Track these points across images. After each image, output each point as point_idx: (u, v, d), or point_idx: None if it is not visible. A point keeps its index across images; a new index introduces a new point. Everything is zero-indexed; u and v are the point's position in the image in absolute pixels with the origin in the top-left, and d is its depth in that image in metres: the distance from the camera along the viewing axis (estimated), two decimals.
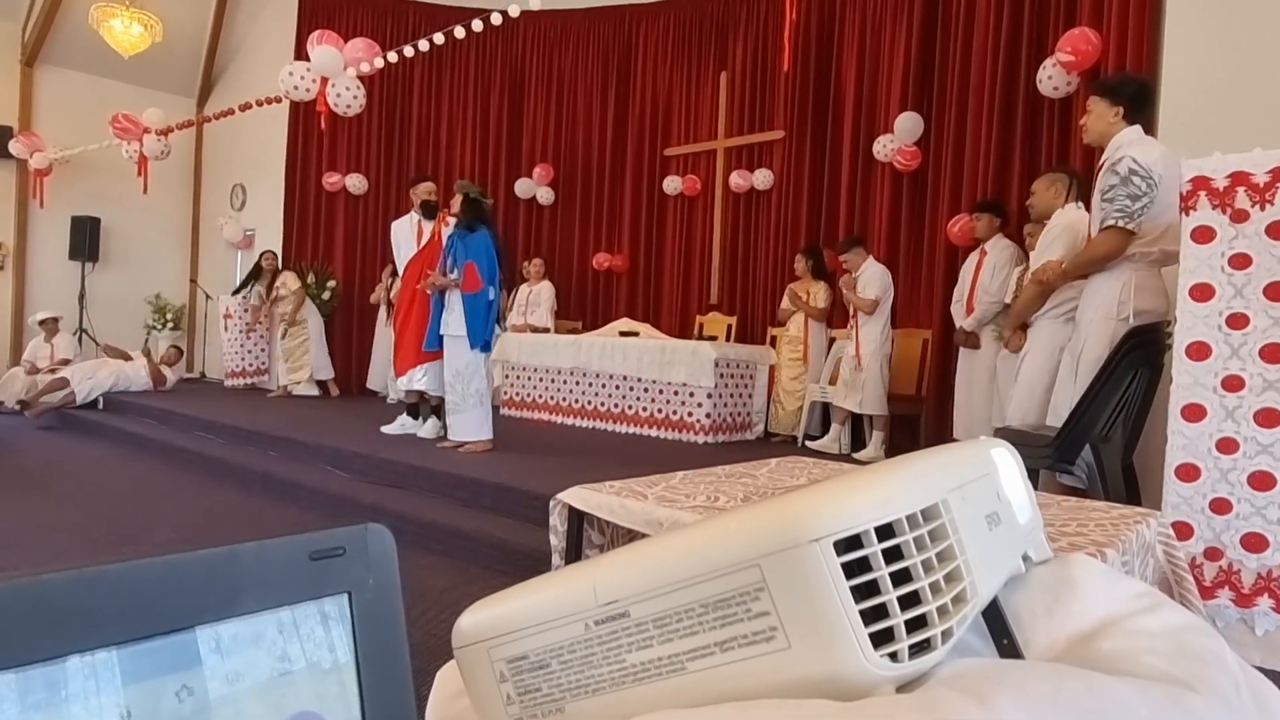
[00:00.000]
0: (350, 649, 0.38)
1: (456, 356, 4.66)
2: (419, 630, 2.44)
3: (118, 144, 7.86)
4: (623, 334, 6.27)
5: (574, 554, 1.96)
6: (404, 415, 5.41)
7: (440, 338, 4.70)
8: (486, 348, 4.70)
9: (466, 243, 4.62)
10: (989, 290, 4.48)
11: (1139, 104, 2.92)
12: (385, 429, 5.34)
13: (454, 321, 4.63)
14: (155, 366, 7.65)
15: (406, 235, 5.21)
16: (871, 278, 5.17)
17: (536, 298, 7.29)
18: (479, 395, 4.68)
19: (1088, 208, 3.23)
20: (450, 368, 4.71)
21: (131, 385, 7.42)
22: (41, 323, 7.66)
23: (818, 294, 5.60)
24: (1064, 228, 3.27)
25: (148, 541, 3.55)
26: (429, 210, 5.14)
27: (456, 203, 4.67)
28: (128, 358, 7.66)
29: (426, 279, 4.74)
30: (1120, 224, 2.76)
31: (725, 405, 5.61)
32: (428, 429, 5.20)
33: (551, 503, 2.00)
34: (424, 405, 5.32)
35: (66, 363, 7.49)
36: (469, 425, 4.69)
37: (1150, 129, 3.21)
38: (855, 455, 5.16)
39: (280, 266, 8.05)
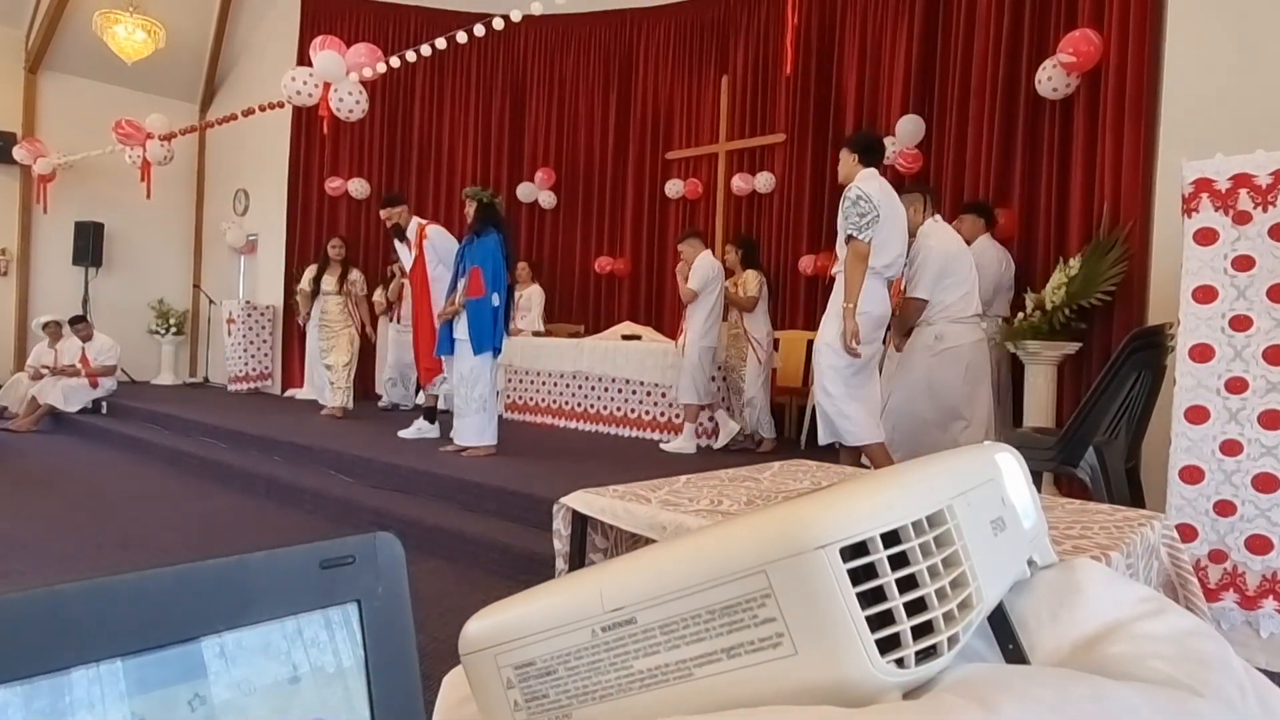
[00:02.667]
0: (360, 657, 0.38)
1: (461, 361, 4.69)
2: (423, 635, 2.43)
3: (121, 149, 7.89)
4: (625, 338, 6.27)
5: (577, 558, 1.96)
6: (420, 419, 5.46)
7: (453, 342, 4.73)
8: (496, 353, 4.72)
9: (474, 248, 4.65)
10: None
11: (870, 152, 3.70)
12: (403, 433, 5.39)
13: (460, 327, 4.66)
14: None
15: (403, 254, 5.43)
16: (696, 270, 5.23)
17: (527, 302, 7.25)
18: (482, 400, 4.69)
19: (945, 219, 4.05)
20: (456, 372, 4.75)
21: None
22: (45, 326, 7.65)
23: (747, 283, 5.54)
24: (926, 250, 3.81)
25: (152, 546, 3.56)
26: (397, 232, 5.28)
27: (471, 210, 4.72)
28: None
29: (440, 313, 4.86)
30: (853, 234, 3.47)
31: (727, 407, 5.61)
32: (412, 430, 5.40)
33: (555, 507, 2.00)
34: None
35: (110, 370, 7.45)
36: (471, 430, 4.70)
37: (884, 170, 4.00)
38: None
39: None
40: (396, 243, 5.40)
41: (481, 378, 4.68)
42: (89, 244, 8.97)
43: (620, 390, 6.01)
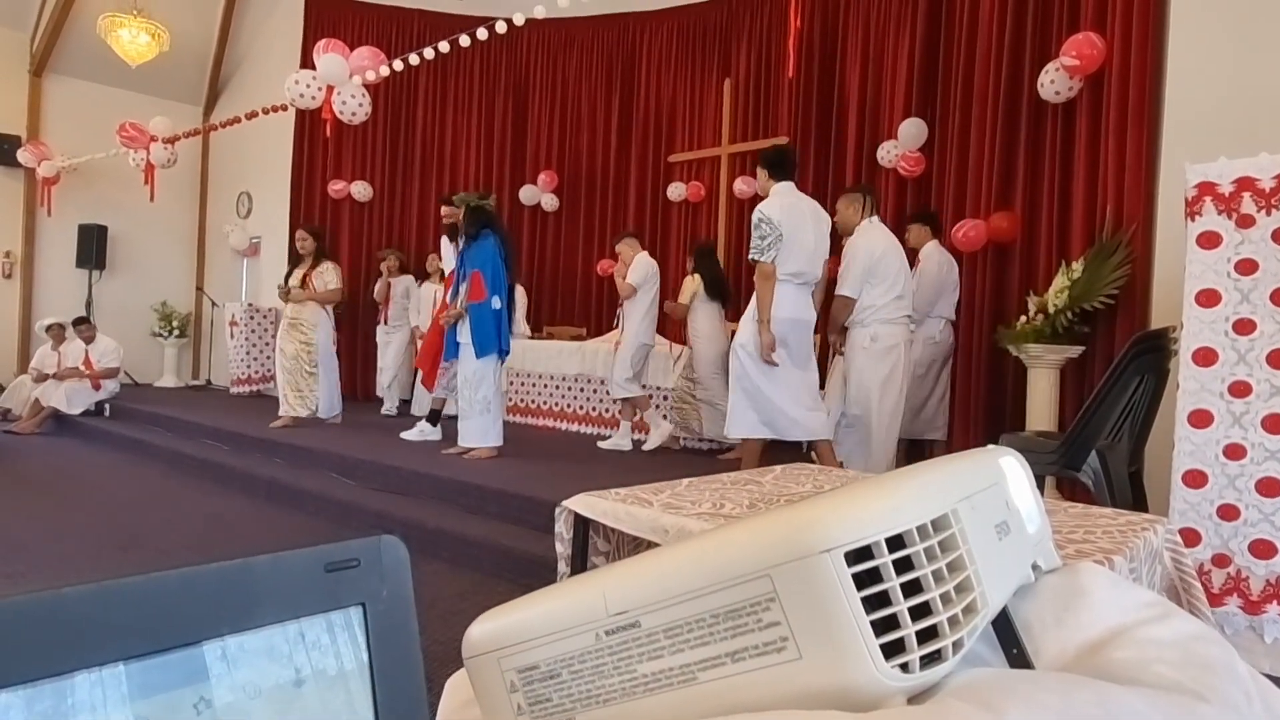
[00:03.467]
0: (364, 660, 0.38)
1: (464, 364, 4.72)
2: (424, 638, 2.43)
3: (125, 152, 7.91)
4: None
5: (579, 561, 1.96)
6: (423, 422, 5.49)
7: (457, 346, 4.75)
8: (502, 356, 4.74)
9: (472, 252, 4.66)
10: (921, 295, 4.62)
11: (780, 166, 3.88)
12: (405, 435, 5.42)
13: (462, 331, 4.68)
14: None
15: (448, 254, 5.41)
16: (635, 269, 5.35)
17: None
18: (485, 403, 4.70)
19: (885, 221, 4.24)
20: (460, 375, 4.77)
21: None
22: (49, 329, 7.65)
23: (684, 290, 5.62)
24: (857, 247, 3.98)
25: (154, 548, 3.56)
26: (450, 232, 5.25)
27: (460, 215, 4.75)
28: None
29: (444, 317, 4.89)
30: (753, 257, 3.75)
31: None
32: (414, 433, 5.41)
33: (557, 510, 2.00)
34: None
35: (113, 372, 7.46)
36: (473, 432, 4.71)
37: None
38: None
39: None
40: (444, 242, 5.40)
41: (485, 380, 4.68)
42: (92, 246, 8.99)
43: None
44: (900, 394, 4.03)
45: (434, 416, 5.50)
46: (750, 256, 3.79)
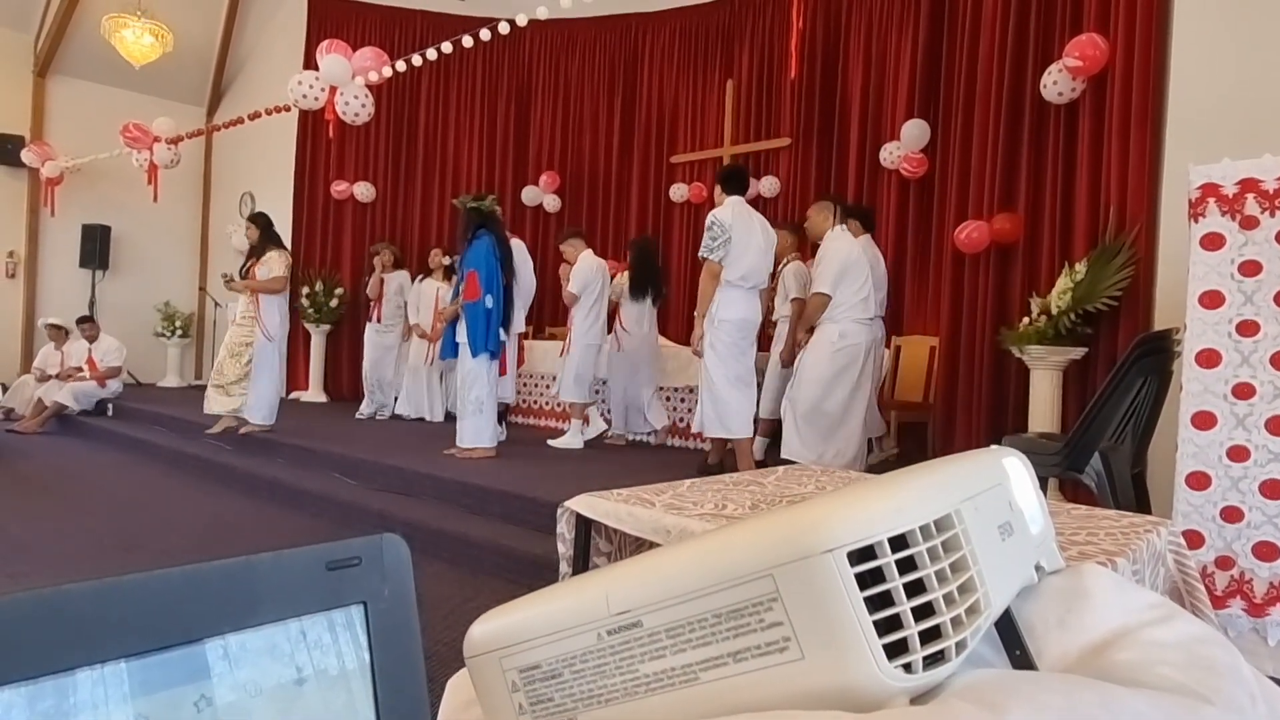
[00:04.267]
0: (365, 659, 0.38)
1: (461, 364, 4.74)
2: (425, 638, 2.42)
3: (128, 153, 7.93)
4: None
5: (581, 561, 1.96)
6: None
7: (456, 346, 4.76)
8: (492, 356, 4.72)
9: (469, 252, 4.69)
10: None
11: (730, 181, 4.37)
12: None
13: (460, 330, 4.69)
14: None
15: None
16: (578, 272, 5.43)
17: None
18: (478, 403, 4.73)
19: (852, 230, 4.52)
20: (458, 375, 4.79)
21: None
22: (53, 328, 7.67)
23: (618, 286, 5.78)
24: (828, 251, 4.29)
25: (156, 548, 3.56)
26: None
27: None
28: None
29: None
30: (702, 255, 4.11)
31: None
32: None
33: (559, 510, 2.00)
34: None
35: (116, 371, 7.47)
36: (468, 433, 4.75)
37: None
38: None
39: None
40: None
41: (478, 380, 4.71)
42: (96, 247, 9.01)
43: None
44: (859, 389, 4.29)
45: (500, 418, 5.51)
46: (700, 255, 4.12)
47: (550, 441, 5.46)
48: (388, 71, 6.09)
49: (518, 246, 5.22)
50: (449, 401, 6.64)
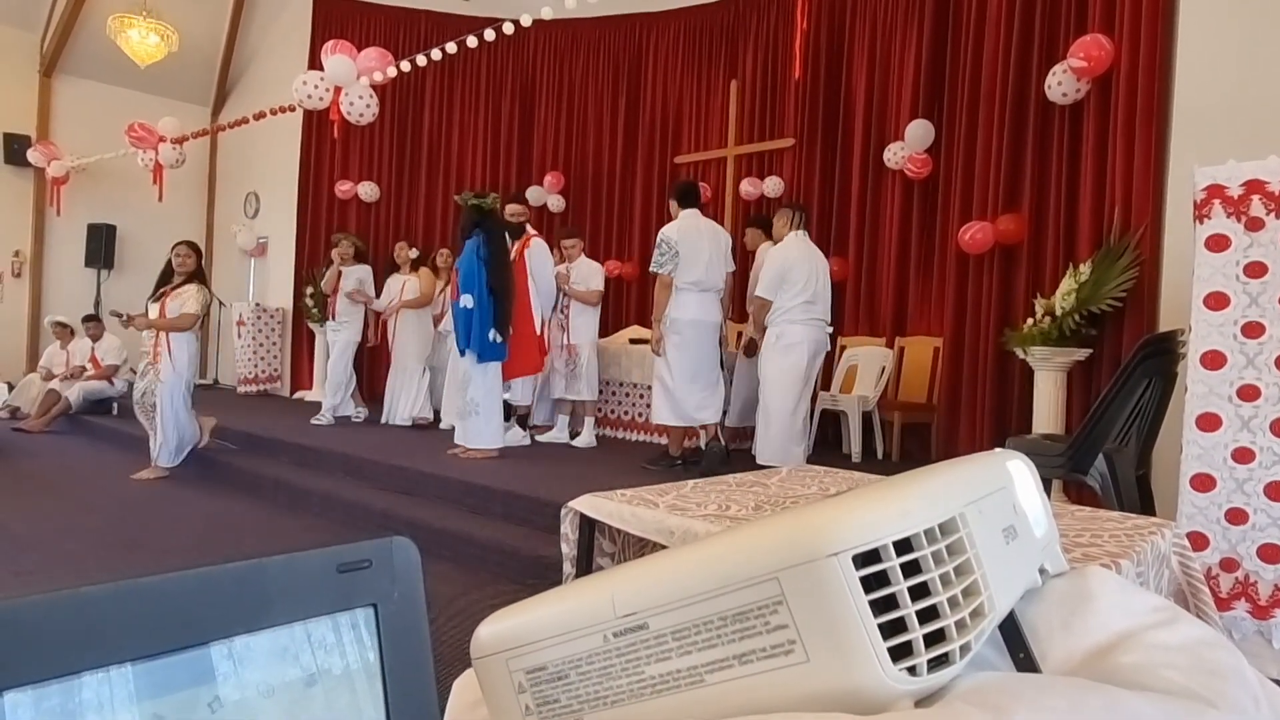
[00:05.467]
0: (376, 661, 0.38)
1: (461, 364, 4.83)
2: (432, 639, 2.44)
3: (133, 153, 7.95)
4: (633, 341, 6.27)
5: (585, 562, 1.96)
6: (514, 427, 5.38)
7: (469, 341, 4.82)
8: (483, 357, 4.71)
9: (463, 252, 4.77)
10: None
11: (685, 197, 4.73)
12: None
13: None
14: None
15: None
16: (594, 271, 5.56)
17: None
18: (473, 404, 4.76)
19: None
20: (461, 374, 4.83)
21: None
22: (58, 326, 7.69)
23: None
24: (771, 255, 4.61)
25: (160, 548, 3.57)
26: (514, 231, 5.08)
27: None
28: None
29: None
30: (653, 269, 4.56)
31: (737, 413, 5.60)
32: (514, 436, 5.24)
33: (563, 510, 2.00)
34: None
35: (114, 369, 7.50)
36: (468, 433, 4.79)
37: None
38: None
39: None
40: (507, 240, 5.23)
41: (471, 381, 4.75)
42: (101, 246, 9.04)
43: (628, 394, 6.01)
44: (799, 385, 4.48)
45: (521, 420, 5.46)
46: (650, 269, 4.61)
47: (573, 442, 5.48)
48: (392, 72, 6.10)
49: (539, 247, 5.17)
50: (435, 401, 6.40)
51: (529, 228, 5.29)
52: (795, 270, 4.47)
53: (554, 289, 5.38)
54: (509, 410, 5.34)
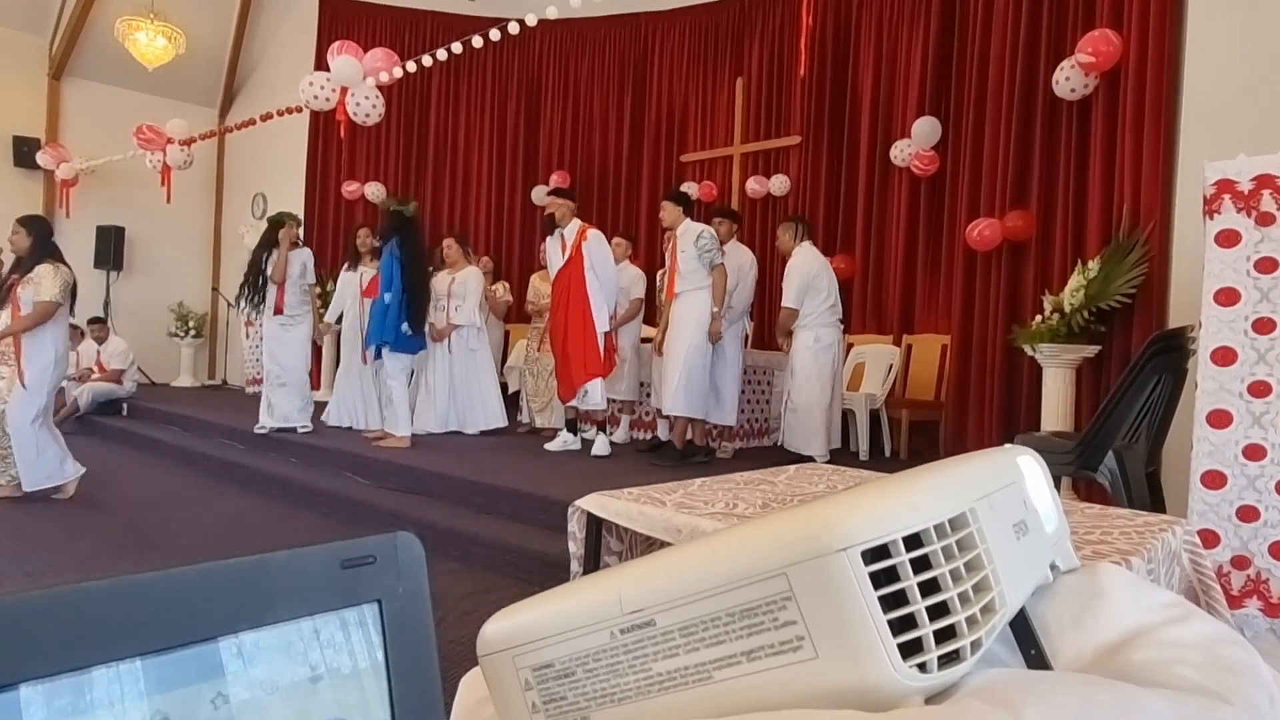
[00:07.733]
0: (380, 657, 0.38)
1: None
2: (438, 637, 2.44)
3: (142, 154, 7.99)
4: (641, 340, 6.26)
5: (593, 560, 1.96)
6: (564, 432, 5.14)
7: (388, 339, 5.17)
8: (394, 347, 5.11)
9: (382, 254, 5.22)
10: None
11: (691, 205, 5.07)
12: (549, 446, 5.07)
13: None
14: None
15: (554, 253, 4.92)
16: (636, 278, 5.68)
17: (462, 287, 5.60)
18: (387, 394, 5.23)
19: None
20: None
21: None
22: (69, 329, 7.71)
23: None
24: (794, 268, 4.82)
25: (170, 547, 3.59)
26: (550, 225, 4.90)
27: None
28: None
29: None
30: (720, 262, 4.67)
31: (743, 412, 5.59)
32: (600, 445, 4.95)
33: (570, 509, 2.00)
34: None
35: (119, 373, 7.52)
36: (387, 421, 5.30)
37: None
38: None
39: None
40: (549, 239, 4.93)
41: (380, 370, 5.30)
42: (110, 247, 9.08)
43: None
44: (833, 382, 4.84)
45: (571, 425, 5.16)
46: (720, 262, 4.67)
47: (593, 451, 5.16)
48: (398, 72, 6.11)
49: (597, 238, 4.82)
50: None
51: (578, 220, 4.87)
52: (819, 279, 4.80)
53: (616, 280, 5.05)
54: (581, 418, 5.18)
